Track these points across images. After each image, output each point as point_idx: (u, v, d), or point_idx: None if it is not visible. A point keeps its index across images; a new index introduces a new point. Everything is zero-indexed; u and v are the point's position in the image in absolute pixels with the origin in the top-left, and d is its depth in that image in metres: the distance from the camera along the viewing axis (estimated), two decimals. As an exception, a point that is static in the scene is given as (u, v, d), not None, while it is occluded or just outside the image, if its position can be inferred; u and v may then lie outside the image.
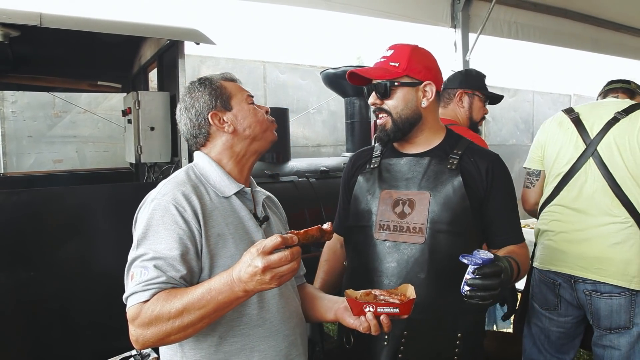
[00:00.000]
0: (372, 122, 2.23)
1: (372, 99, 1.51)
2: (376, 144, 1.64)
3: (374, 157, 1.60)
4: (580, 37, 5.84)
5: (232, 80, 1.38)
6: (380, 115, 1.52)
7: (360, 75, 1.51)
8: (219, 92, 1.31)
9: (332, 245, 1.73)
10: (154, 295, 1.07)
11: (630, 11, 5.66)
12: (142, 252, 1.12)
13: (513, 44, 5.54)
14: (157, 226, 1.14)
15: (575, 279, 2.00)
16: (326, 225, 1.11)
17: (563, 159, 2.09)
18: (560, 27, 5.57)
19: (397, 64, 1.46)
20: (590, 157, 2.00)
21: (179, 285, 1.10)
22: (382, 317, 1.14)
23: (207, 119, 1.29)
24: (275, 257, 0.98)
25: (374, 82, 1.49)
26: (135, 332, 1.07)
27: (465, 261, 1.21)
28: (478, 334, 1.55)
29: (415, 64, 1.47)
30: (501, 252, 1.46)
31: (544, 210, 2.16)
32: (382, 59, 1.51)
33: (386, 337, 1.45)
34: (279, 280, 1.00)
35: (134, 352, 2.09)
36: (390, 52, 1.50)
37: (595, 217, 1.97)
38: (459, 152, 1.50)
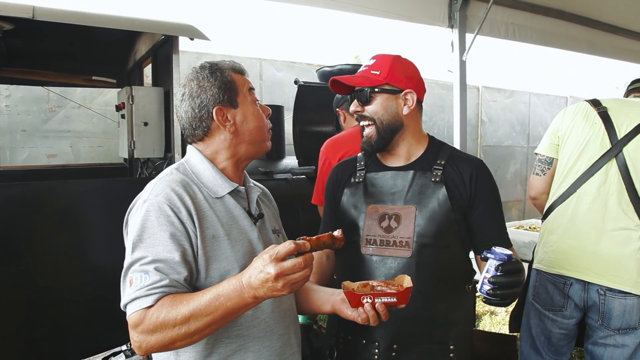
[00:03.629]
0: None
1: (354, 106, 1.52)
2: (359, 155, 1.64)
3: (358, 170, 1.59)
4: (576, 39, 5.85)
5: (241, 72, 1.29)
6: (363, 123, 1.52)
7: (343, 83, 1.52)
8: (229, 86, 1.24)
9: (318, 258, 1.69)
10: (158, 300, 1.03)
11: (626, 14, 5.67)
12: (140, 255, 1.07)
13: (510, 44, 5.55)
14: (153, 228, 1.09)
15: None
16: (337, 233, 1.10)
17: (585, 155, 2.00)
18: (557, 29, 5.57)
19: (378, 72, 1.48)
20: (614, 158, 1.94)
21: (181, 287, 1.07)
22: (379, 306, 1.13)
23: (211, 113, 1.22)
24: (288, 263, 0.96)
25: (356, 89, 1.51)
26: (138, 338, 1.03)
27: (490, 256, 1.20)
28: (469, 345, 1.56)
29: (395, 72, 1.48)
30: None
31: (556, 208, 2.08)
32: (365, 68, 1.52)
33: (376, 350, 1.45)
34: (291, 288, 0.98)
35: (124, 348, 2.08)
36: (372, 62, 1.52)
37: (609, 222, 1.93)
38: (442, 162, 1.50)
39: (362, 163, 1.61)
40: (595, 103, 2.06)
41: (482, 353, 2.72)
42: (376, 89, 1.47)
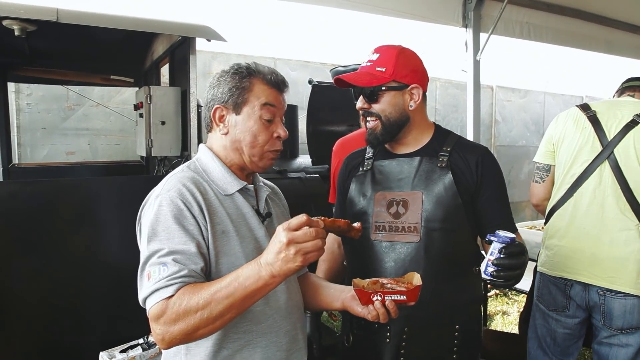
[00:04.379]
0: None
1: (360, 103, 1.51)
2: (368, 146, 1.66)
3: (367, 159, 1.63)
4: (593, 38, 5.77)
5: (276, 86, 1.27)
6: (369, 119, 1.53)
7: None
8: (241, 91, 1.24)
9: (330, 246, 1.75)
10: (178, 289, 1.04)
11: (645, 13, 5.58)
12: (157, 247, 1.09)
13: (525, 44, 5.49)
14: (167, 221, 1.11)
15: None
16: (356, 224, 1.13)
17: (579, 159, 2.04)
18: (573, 28, 5.50)
19: (383, 69, 1.48)
20: (606, 160, 1.96)
21: (199, 277, 1.09)
22: (388, 304, 1.15)
23: (212, 109, 1.26)
24: (299, 232, 0.98)
25: (362, 87, 1.49)
26: (160, 331, 1.03)
27: (494, 239, 1.23)
28: (474, 326, 1.59)
29: (401, 68, 1.48)
30: None
31: (555, 213, 2.11)
32: (369, 64, 1.51)
33: (388, 334, 1.49)
34: (303, 257, 0.99)
35: (140, 341, 2.14)
36: (376, 56, 1.50)
37: (607, 223, 1.94)
38: (448, 149, 1.52)
39: (370, 153, 1.64)
40: (584, 108, 2.10)
41: (492, 352, 2.74)
42: (383, 87, 1.48)
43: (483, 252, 1.56)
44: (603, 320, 1.96)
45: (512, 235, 1.24)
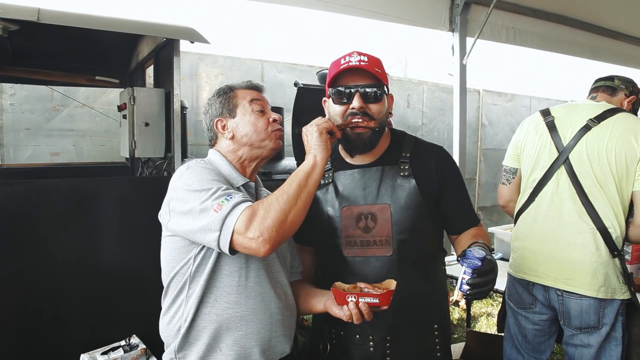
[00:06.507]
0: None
1: (359, 102, 1.41)
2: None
3: (326, 171, 1.57)
4: (578, 45, 5.85)
5: (253, 87, 1.51)
6: (358, 119, 1.43)
7: (352, 73, 1.43)
8: (229, 100, 1.46)
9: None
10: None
11: (629, 20, 5.67)
12: (214, 187, 1.24)
13: (511, 48, 5.56)
14: (207, 178, 1.29)
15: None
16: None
17: (538, 165, 2.10)
18: (559, 34, 5.59)
19: (380, 71, 1.45)
20: (562, 165, 2.02)
21: None
22: (361, 306, 1.24)
23: (214, 124, 1.46)
24: (318, 121, 1.38)
25: (364, 84, 1.42)
26: (257, 231, 1.16)
27: (464, 264, 1.31)
28: (448, 324, 1.64)
29: (385, 74, 1.49)
30: (467, 237, 1.55)
31: (520, 216, 2.17)
32: (362, 63, 1.42)
33: (371, 343, 1.51)
34: (319, 130, 1.34)
35: (122, 343, 2.12)
36: (365, 57, 1.43)
37: (565, 227, 2.00)
38: (407, 155, 1.53)
39: (328, 165, 1.58)
40: (545, 113, 2.17)
41: (474, 352, 2.76)
42: (385, 88, 1.49)
43: (452, 249, 1.61)
44: (563, 320, 2.03)
45: (481, 255, 1.30)
